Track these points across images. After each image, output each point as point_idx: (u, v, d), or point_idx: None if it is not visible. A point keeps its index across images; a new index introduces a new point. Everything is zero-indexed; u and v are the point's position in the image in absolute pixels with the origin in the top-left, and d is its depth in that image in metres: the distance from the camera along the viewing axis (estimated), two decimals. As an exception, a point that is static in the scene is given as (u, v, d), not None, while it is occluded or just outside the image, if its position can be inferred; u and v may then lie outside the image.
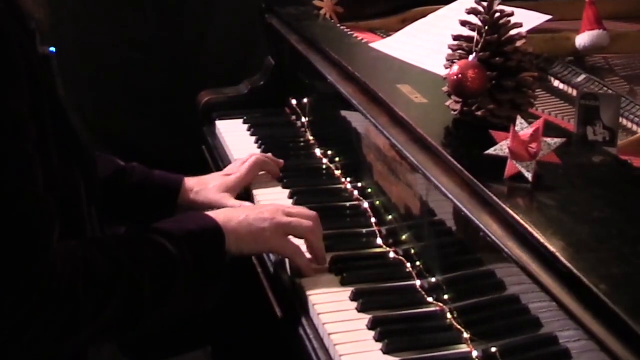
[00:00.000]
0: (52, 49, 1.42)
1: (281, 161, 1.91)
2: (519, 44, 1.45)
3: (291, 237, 1.51)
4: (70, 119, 1.40)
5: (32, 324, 1.18)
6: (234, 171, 1.83)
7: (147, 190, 1.76)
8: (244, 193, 1.82)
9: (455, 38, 1.50)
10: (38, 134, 1.25)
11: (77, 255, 1.26)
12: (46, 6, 1.38)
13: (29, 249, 1.19)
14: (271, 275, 1.59)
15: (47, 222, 1.23)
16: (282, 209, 1.53)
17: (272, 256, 1.60)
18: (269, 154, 1.93)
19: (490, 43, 1.44)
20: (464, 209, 1.27)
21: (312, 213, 1.54)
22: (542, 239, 1.08)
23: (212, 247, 1.42)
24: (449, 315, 1.36)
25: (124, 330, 1.32)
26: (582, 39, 2.01)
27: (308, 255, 1.51)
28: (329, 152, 2.00)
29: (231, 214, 1.49)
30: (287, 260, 1.53)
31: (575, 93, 1.76)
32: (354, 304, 1.40)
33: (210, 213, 1.48)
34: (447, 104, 1.51)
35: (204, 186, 1.77)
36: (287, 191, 1.82)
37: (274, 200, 1.77)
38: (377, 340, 1.31)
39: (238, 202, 1.73)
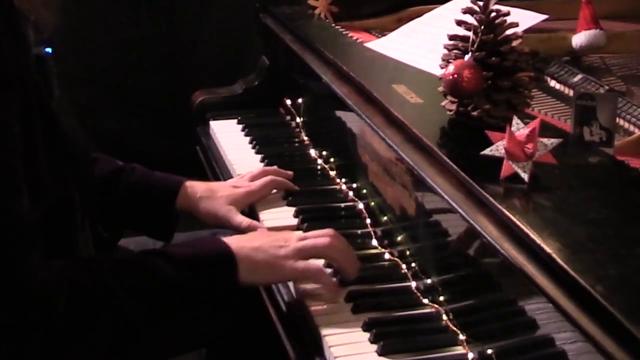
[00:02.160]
0: (49, 50, 1.40)
1: (296, 188, 1.82)
2: (515, 43, 1.45)
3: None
4: (62, 122, 1.39)
5: (7, 347, 1.15)
6: (244, 185, 1.77)
7: (145, 191, 1.73)
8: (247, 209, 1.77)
9: (451, 37, 1.50)
10: (26, 139, 1.23)
11: (62, 276, 1.22)
12: (54, 8, 1.36)
13: (4, 268, 1.16)
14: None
15: (26, 241, 1.19)
16: (296, 234, 1.46)
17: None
18: (282, 172, 1.84)
19: (486, 43, 1.43)
20: (459, 210, 1.26)
21: (327, 230, 1.47)
22: (538, 240, 1.08)
23: (223, 273, 1.36)
24: (444, 317, 1.35)
25: (115, 357, 1.27)
26: (579, 39, 2.01)
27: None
28: (324, 153, 1.99)
29: (244, 240, 1.43)
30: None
31: (571, 93, 1.76)
32: (349, 306, 1.39)
33: (223, 238, 1.41)
34: (443, 104, 1.51)
35: (210, 194, 1.72)
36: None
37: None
38: (372, 342, 1.30)
39: (244, 219, 1.69)
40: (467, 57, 1.44)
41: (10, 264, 1.17)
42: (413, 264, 1.49)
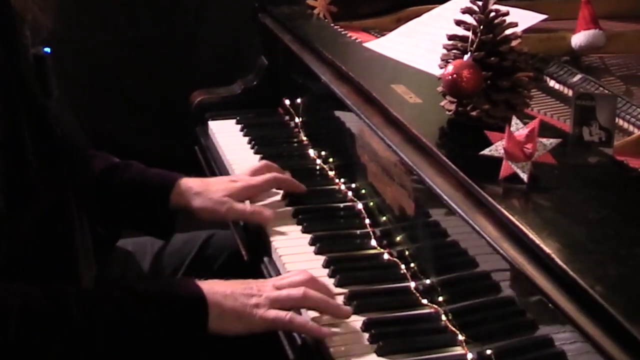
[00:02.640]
0: (47, 50, 1.40)
1: (302, 186, 1.79)
2: (514, 43, 1.44)
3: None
4: (60, 122, 1.38)
5: None
6: (243, 178, 1.76)
7: (140, 187, 1.71)
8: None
9: (450, 37, 1.50)
10: (12, 142, 1.22)
11: (14, 299, 1.20)
12: (52, 8, 1.36)
13: None
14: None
15: None
16: (272, 282, 1.39)
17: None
18: (287, 173, 1.82)
19: (485, 42, 1.43)
20: (458, 210, 1.26)
21: (302, 278, 1.39)
22: (537, 240, 1.08)
23: (191, 318, 1.31)
24: (443, 317, 1.35)
25: None
26: (578, 39, 2.00)
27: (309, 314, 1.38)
28: (323, 153, 1.99)
29: (217, 285, 1.36)
30: None
31: (571, 93, 1.76)
32: (348, 306, 1.38)
33: (196, 281, 1.36)
34: (442, 104, 1.50)
35: (205, 188, 1.71)
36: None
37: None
38: (371, 342, 1.30)
39: (247, 205, 1.69)
40: (466, 57, 1.43)
41: None
42: (412, 264, 1.48)
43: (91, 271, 1.45)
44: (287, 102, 2.27)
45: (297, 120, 2.20)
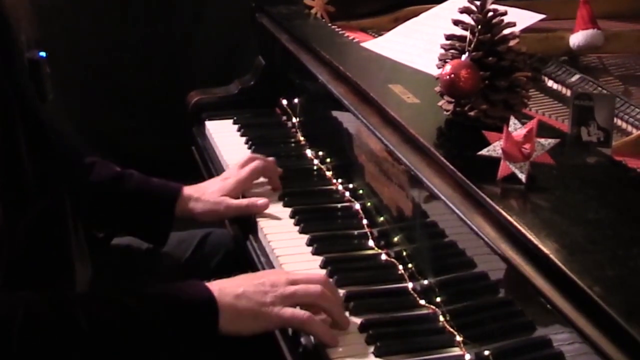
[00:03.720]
0: (43, 54, 1.40)
1: (280, 170, 1.84)
2: (512, 43, 1.44)
3: None
4: (54, 126, 1.38)
5: None
6: (233, 174, 1.79)
7: (144, 197, 1.73)
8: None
9: (448, 37, 1.49)
10: (7, 147, 1.22)
11: (19, 305, 1.20)
12: (32, 14, 1.36)
13: None
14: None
15: None
16: (286, 277, 1.36)
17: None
18: (271, 159, 1.85)
19: (483, 42, 1.43)
20: (456, 210, 1.25)
21: (320, 276, 1.40)
22: (535, 241, 1.07)
23: (201, 323, 1.28)
24: (441, 318, 1.35)
25: None
26: (576, 39, 2.00)
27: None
28: (320, 153, 1.99)
29: (228, 285, 1.33)
30: None
31: (569, 93, 1.76)
32: (345, 307, 1.38)
33: (206, 283, 1.32)
34: (440, 104, 1.50)
35: (201, 193, 1.74)
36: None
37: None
38: (368, 344, 1.30)
39: (243, 200, 1.70)
40: (464, 56, 1.43)
41: None
42: (410, 265, 1.48)
43: (86, 272, 1.45)
44: (285, 102, 2.26)
45: (294, 120, 2.19)
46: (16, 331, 1.17)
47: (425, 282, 1.42)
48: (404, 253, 1.50)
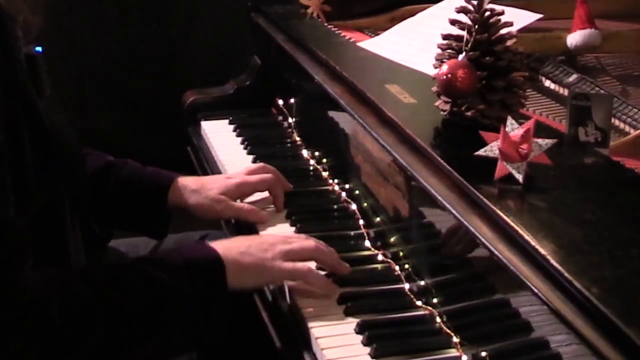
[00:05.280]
0: (39, 49, 1.39)
1: (290, 185, 1.79)
2: (509, 43, 1.44)
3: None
4: (53, 121, 1.38)
5: (3, 354, 1.14)
6: (238, 176, 1.75)
7: (136, 185, 1.71)
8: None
9: (445, 37, 1.49)
10: (11, 144, 1.22)
11: (53, 283, 1.22)
12: (40, 9, 1.36)
13: None
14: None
15: (15, 250, 1.19)
16: (283, 237, 1.48)
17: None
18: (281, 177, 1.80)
19: (480, 42, 1.43)
20: (453, 211, 1.25)
21: (312, 239, 1.48)
22: (532, 242, 1.07)
23: (212, 277, 1.35)
24: (438, 319, 1.34)
25: None
26: (574, 38, 2.00)
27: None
28: (316, 153, 1.98)
29: (231, 244, 1.42)
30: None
31: (566, 93, 1.75)
32: (342, 308, 1.38)
33: (210, 243, 1.41)
34: (436, 104, 1.50)
35: (200, 186, 1.71)
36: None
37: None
38: (365, 345, 1.29)
39: (243, 204, 1.69)
40: (461, 56, 1.43)
41: (1, 273, 1.16)
42: (406, 266, 1.48)
43: None
44: (281, 102, 2.26)
45: (290, 120, 2.19)
46: (55, 307, 1.19)
47: (422, 283, 1.41)
48: (401, 254, 1.50)
